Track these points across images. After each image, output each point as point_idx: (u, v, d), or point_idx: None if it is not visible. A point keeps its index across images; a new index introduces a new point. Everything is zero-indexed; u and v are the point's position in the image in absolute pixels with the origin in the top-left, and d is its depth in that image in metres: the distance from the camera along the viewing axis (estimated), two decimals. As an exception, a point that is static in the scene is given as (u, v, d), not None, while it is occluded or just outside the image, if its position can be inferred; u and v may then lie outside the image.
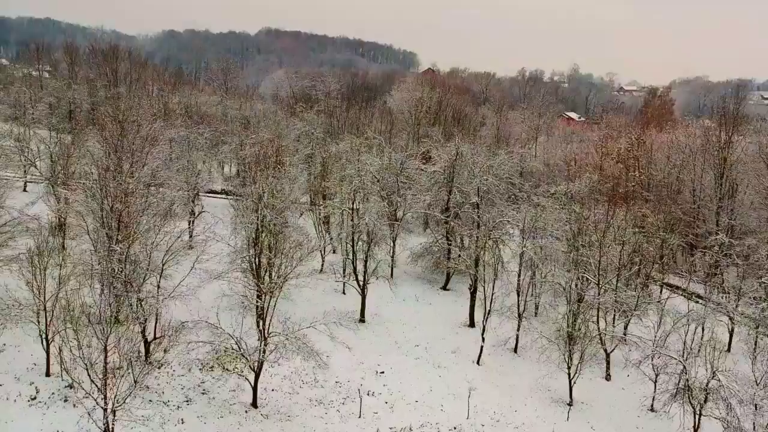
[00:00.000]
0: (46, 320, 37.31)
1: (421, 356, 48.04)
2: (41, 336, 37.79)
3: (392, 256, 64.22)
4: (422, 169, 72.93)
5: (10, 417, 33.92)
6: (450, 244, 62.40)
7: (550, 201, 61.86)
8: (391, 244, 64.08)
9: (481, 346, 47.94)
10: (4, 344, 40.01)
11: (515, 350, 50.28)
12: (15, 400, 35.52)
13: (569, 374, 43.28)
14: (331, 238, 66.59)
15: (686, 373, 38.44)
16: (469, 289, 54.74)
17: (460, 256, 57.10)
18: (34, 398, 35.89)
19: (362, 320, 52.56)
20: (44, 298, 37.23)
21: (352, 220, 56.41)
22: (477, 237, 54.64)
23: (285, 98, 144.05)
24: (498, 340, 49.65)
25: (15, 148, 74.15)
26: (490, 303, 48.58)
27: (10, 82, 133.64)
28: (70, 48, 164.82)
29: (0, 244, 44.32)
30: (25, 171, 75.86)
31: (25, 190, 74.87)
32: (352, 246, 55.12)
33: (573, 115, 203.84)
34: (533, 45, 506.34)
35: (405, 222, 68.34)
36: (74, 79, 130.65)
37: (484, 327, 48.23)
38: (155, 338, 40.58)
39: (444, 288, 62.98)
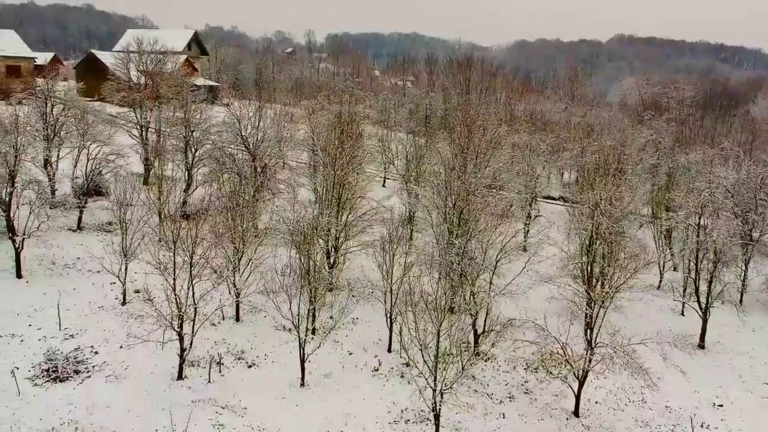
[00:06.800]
0: (391, 301, 41.56)
1: (771, 396, 42.33)
2: (386, 315, 42.30)
3: (743, 280, 57.50)
4: (790, 186, 63.81)
5: (358, 382, 38.51)
6: (819, 274, 53.74)
7: None
8: (743, 267, 57.41)
9: None
10: (358, 318, 45.49)
11: None
12: (362, 369, 40.17)
13: None
14: (672, 254, 62.13)
15: None
16: (841, 328, 46.58)
17: (831, 288, 48.85)
18: (377, 369, 40.17)
19: (701, 346, 48.16)
20: (391, 281, 41.51)
21: (697, 236, 51.93)
22: None
23: (632, 106, 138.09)
24: None
25: (378, 148, 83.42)
26: None
27: (380, 90, 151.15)
28: (430, 60, 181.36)
29: (360, 230, 50.36)
30: (385, 168, 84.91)
31: (383, 185, 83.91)
32: (696, 264, 50.69)
33: None
34: None
35: (761, 244, 60.65)
36: (432, 87, 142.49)
37: None
38: (484, 331, 42.32)
39: (807, 323, 54.53)
